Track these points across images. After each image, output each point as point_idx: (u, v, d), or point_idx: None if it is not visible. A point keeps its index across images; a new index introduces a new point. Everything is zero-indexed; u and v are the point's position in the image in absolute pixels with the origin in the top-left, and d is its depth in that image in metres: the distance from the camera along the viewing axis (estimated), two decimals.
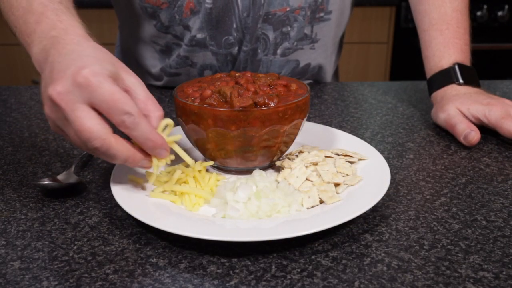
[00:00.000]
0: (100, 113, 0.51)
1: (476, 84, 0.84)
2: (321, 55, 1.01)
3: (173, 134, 0.74)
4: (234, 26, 0.92)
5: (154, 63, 1.01)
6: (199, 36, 0.93)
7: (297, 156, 0.66)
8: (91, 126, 0.49)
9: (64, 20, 0.58)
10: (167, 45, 0.97)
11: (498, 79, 1.12)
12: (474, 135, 0.74)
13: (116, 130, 0.52)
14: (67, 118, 0.50)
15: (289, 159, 0.65)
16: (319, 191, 0.57)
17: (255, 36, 0.93)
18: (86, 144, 0.50)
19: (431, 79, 0.87)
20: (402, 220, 0.56)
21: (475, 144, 0.74)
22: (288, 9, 0.92)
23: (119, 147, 0.51)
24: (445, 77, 0.84)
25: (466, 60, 0.86)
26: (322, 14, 0.95)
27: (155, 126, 0.53)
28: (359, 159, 0.65)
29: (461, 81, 0.83)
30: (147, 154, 0.54)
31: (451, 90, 0.83)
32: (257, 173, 0.60)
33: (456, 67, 0.84)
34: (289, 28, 0.94)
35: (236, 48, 0.94)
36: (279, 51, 0.96)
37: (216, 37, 0.94)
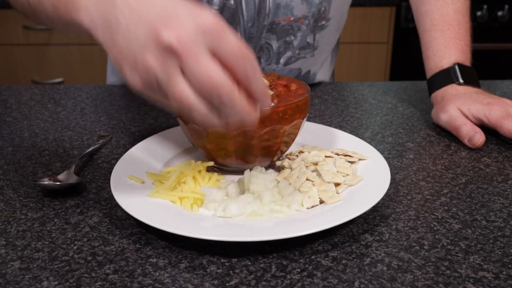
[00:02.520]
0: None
1: (476, 84, 0.84)
2: (318, 60, 1.01)
3: (172, 134, 0.74)
4: (238, 35, 0.92)
5: None
6: None
7: (297, 156, 0.66)
8: (219, 75, 0.43)
9: None
10: None
11: (498, 79, 1.12)
12: (480, 137, 0.74)
13: None
14: (186, 67, 0.43)
15: (289, 159, 0.65)
16: (319, 191, 0.57)
17: (259, 46, 0.93)
18: (212, 96, 0.44)
19: (431, 79, 0.87)
20: (402, 220, 0.56)
21: (480, 146, 0.75)
22: (292, 18, 0.92)
23: (242, 100, 0.45)
24: (445, 76, 0.84)
25: (466, 61, 0.86)
26: (323, 22, 0.95)
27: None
28: (359, 159, 0.65)
29: (461, 81, 0.83)
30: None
31: (451, 90, 0.83)
32: (254, 172, 0.60)
33: (456, 67, 0.84)
34: (292, 38, 0.94)
35: None
36: (282, 60, 0.96)
37: None
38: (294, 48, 0.96)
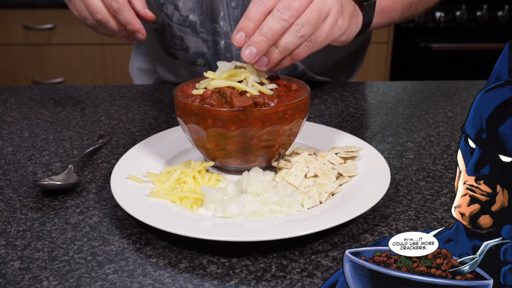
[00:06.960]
0: None
1: None
2: (314, 62, 1.00)
3: (172, 134, 0.74)
4: (222, 14, 0.91)
5: (153, 42, 1.03)
6: (191, 17, 0.92)
7: (292, 156, 0.66)
8: (95, 3, 0.72)
9: None
10: (162, 24, 0.97)
11: None
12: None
13: None
14: None
15: (286, 161, 0.65)
16: (318, 185, 0.57)
17: None
18: (92, 15, 0.73)
19: None
20: (402, 220, 0.56)
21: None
22: None
23: (113, 23, 0.74)
24: None
25: None
26: None
27: (139, 10, 0.75)
28: (357, 151, 0.65)
29: None
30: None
31: None
32: (252, 174, 0.60)
33: None
34: None
35: (223, 39, 0.93)
36: None
37: (206, 24, 0.93)
38: None
